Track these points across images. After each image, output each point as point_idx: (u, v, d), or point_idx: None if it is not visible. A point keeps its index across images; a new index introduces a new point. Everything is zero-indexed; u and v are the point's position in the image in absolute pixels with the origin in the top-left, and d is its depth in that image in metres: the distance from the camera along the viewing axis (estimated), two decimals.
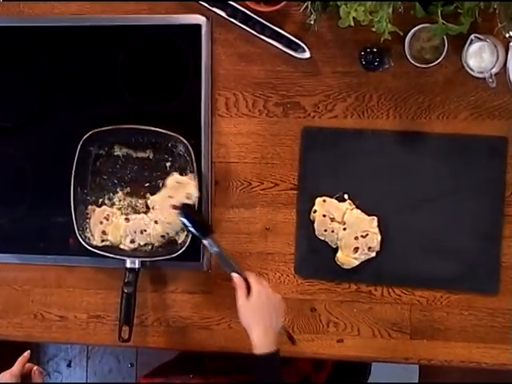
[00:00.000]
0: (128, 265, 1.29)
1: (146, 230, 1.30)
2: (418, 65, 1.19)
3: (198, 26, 1.29)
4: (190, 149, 1.27)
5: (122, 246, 1.31)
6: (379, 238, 1.26)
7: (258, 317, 1.14)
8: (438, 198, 1.25)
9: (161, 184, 1.30)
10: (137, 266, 1.29)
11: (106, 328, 1.36)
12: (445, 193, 1.25)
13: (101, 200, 1.33)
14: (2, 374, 1.15)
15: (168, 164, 1.31)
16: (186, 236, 1.28)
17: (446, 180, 1.25)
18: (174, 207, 1.21)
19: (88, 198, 1.33)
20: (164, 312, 1.34)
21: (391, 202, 1.26)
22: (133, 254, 1.30)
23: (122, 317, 1.28)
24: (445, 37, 1.17)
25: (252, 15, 1.25)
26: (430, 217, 1.25)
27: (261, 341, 1.13)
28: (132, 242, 1.30)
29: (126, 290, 1.28)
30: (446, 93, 1.24)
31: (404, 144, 1.25)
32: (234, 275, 1.18)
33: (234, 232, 1.31)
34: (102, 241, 1.31)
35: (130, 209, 1.33)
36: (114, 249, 1.31)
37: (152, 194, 1.31)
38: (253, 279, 1.17)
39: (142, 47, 1.31)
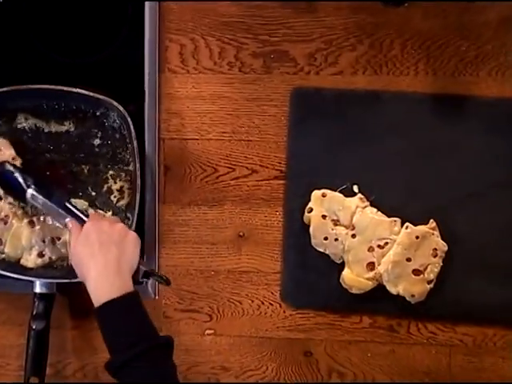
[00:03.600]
0: (37, 289, 1.23)
1: (59, 238, 1.22)
2: None
3: None
4: (129, 119, 1.20)
5: (24, 262, 1.23)
6: None
7: (91, 252, 1.08)
8: (490, 192, 1.20)
9: (86, 170, 1.24)
10: (50, 290, 1.23)
11: (4, 380, 1.31)
12: (500, 183, 1.20)
13: None
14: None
15: (97, 141, 1.24)
16: None
17: (502, 165, 1.20)
18: None
19: None
20: (91, 357, 1.28)
21: (421, 197, 1.21)
22: (44, 273, 1.23)
23: (28, 364, 1.22)
24: None
25: None
26: (478, 218, 1.21)
27: (100, 283, 1.06)
28: (41, 255, 1.23)
29: (34, 326, 1.22)
30: (501, 38, 1.20)
31: (440, 112, 1.20)
32: (70, 220, 1.14)
33: (193, 241, 1.26)
34: None
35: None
36: (14, 266, 1.23)
37: None
38: (92, 216, 1.15)
39: None
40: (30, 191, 1.16)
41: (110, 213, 1.22)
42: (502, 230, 1.19)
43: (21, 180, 1.17)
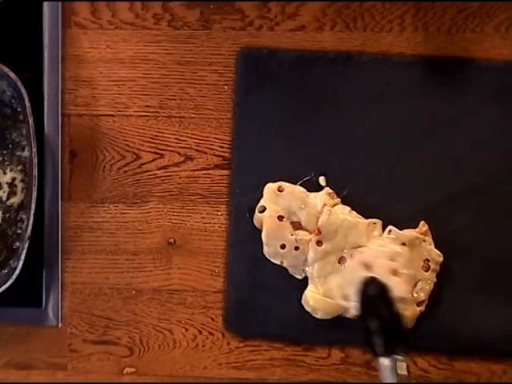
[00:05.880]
0: None
1: None
2: None
3: None
4: (22, 90, 1.13)
5: None
6: None
7: None
8: (500, 186, 1.15)
9: None
10: None
11: None
12: None
13: None
14: None
15: None
16: (15, 257, 1.14)
17: None
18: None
19: None
20: None
21: (409, 191, 1.16)
22: None
23: None
24: None
25: None
26: (483, 220, 1.15)
27: None
28: None
29: None
30: None
31: (433, 80, 1.16)
32: None
33: (108, 250, 1.20)
34: None
35: None
36: None
37: None
38: None
39: None
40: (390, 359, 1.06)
41: (0, 213, 1.15)
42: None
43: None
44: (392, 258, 1.14)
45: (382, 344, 1.08)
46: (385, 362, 1.07)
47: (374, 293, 1.11)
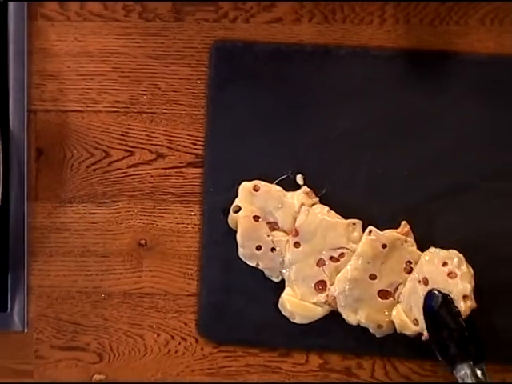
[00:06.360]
0: None
1: None
2: None
3: None
4: None
5: None
6: None
7: None
8: (486, 184, 1.12)
9: None
10: None
11: None
12: (501, 171, 1.12)
13: None
14: None
15: None
16: None
17: (502, 146, 1.12)
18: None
19: None
20: None
21: (390, 190, 1.13)
22: None
23: None
24: None
25: None
26: (467, 220, 1.12)
27: None
28: None
29: None
30: None
31: (415, 75, 1.14)
32: None
33: (76, 252, 1.17)
34: None
35: None
36: None
37: None
38: None
39: None
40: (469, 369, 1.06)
41: None
42: (501, 237, 1.12)
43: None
44: (443, 262, 1.10)
45: (456, 352, 1.06)
46: (462, 370, 1.06)
47: (436, 304, 1.08)
